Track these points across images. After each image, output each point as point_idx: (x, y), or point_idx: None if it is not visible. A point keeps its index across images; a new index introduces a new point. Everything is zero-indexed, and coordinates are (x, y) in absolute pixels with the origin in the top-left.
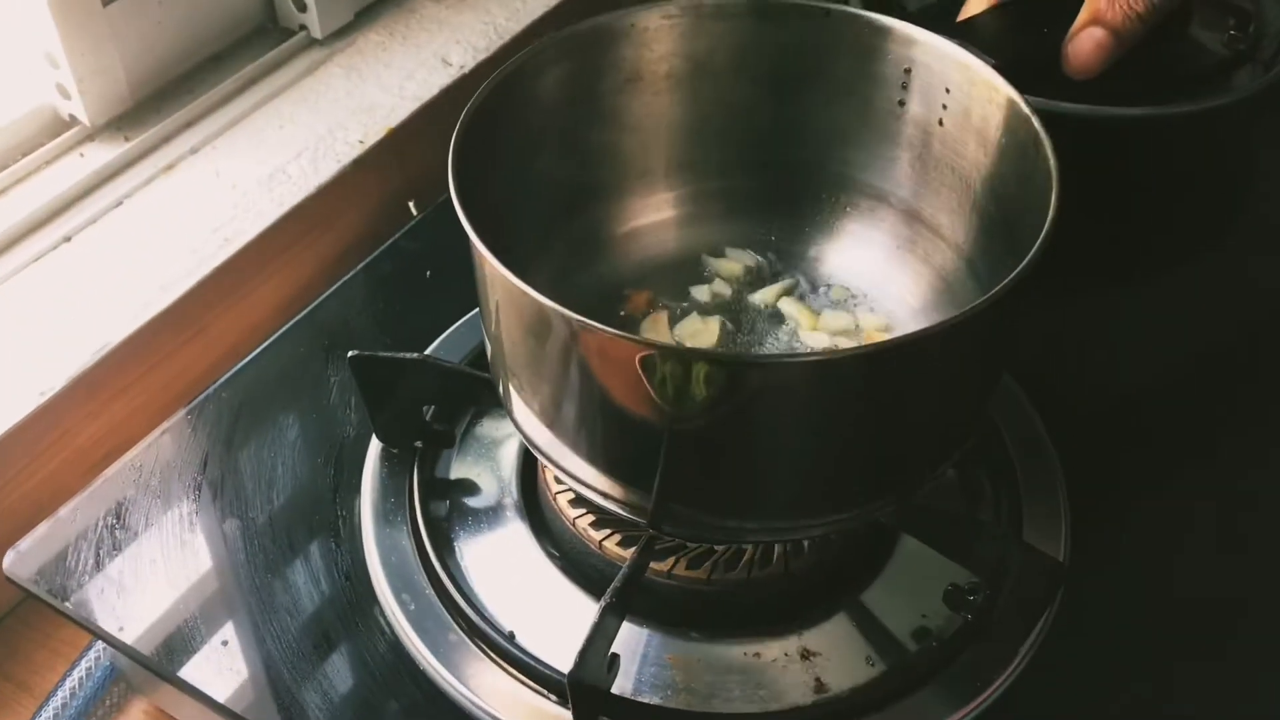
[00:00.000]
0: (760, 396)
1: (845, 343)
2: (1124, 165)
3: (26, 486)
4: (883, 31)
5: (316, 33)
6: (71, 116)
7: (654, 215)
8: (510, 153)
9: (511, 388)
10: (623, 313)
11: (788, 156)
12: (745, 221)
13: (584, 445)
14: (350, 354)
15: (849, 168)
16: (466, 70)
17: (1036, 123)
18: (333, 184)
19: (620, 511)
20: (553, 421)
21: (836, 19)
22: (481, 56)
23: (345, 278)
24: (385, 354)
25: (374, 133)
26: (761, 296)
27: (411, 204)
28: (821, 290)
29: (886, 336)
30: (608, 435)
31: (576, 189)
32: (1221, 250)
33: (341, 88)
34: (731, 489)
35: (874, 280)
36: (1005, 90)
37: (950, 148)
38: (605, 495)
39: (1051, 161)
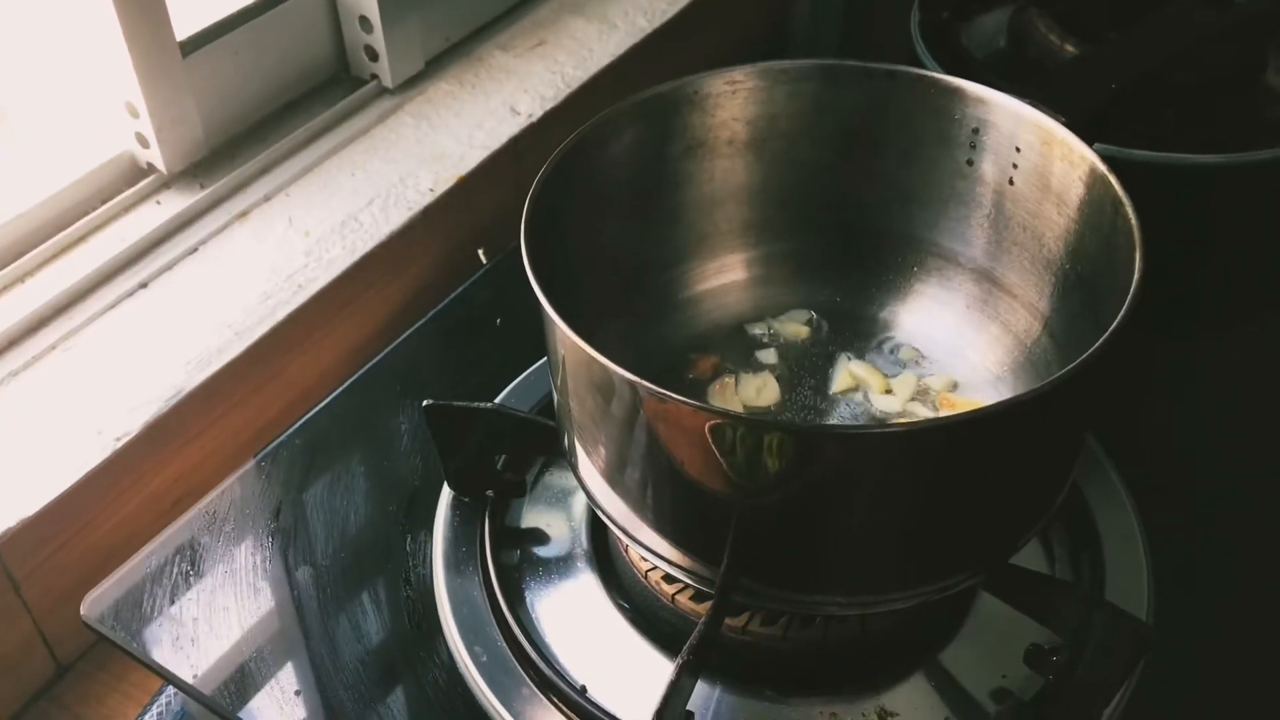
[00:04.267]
0: (840, 469)
1: (919, 408)
2: (1198, 214)
3: (100, 531)
4: (949, 92)
5: (388, 82)
6: (149, 164)
7: (720, 278)
8: (579, 219)
9: (579, 451)
10: (690, 376)
11: (854, 217)
12: (811, 283)
13: (650, 513)
14: (425, 403)
15: (916, 227)
16: (534, 119)
17: (1115, 183)
18: (404, 231)
19: (687, 581)
20: (619, 486)
21: (902, 80)
22: (549, 105)
23: (416, 325)
24: (459, 403)
25: (444, 181)
26: (838, 383)
27: (481, 251)
28: (889, 351)
29: (958, 398)
30: (676, 504)
31: (644, 252)
32: None
33: (412, 136)
34: (806, 563)
35: (943, 340)
36: (1079, 149)
37: (1022, 206)
38: (672, 564)
39: (1133, 222)
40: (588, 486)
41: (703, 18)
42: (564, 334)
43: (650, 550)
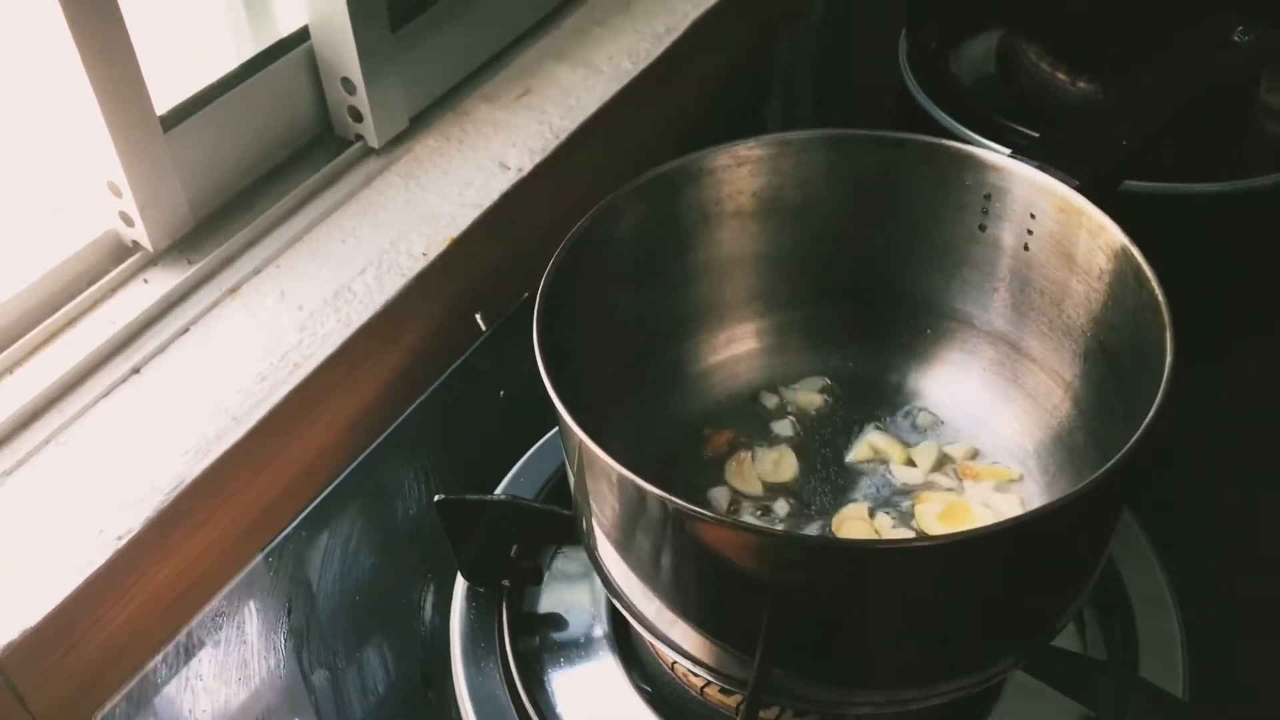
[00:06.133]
0: (881, 581)
1: (941, 479)
2: (1192, 243)
3: (106, 633)
4: (960, 158)
5: (373, 142)
6: (134, 243)
7: (731, 349)
8: (587, 303)
9: (599, 549)
10: (706, 453)
11: (866, 283)
12: (825, 350)
13: (678, 615)
14: (436, 498)
15: (930, 291)
16: (525, 172)
17: (1139, 256)
18: (399, 299)
19: (716, 681)
20: (644, 587)
21: (910, 148)
22: (539, 158)
23: (418, 401)
24: (470, 497)
25: (436, 244)
26: (856, 454)
27: (479, 316)
28: (906, 417)
29: (980, 466)
30: (705, 608)
31: (653, 328)
32: None
33: (401, 198)
34: (842, 665)
35: (962, 407)
36: (1098, 218)
37: (1039, 273)
38: (701, 664)
39: (1160, 298)
40: (611, 583)
41: (686, 56)
42: (587, 446)
43: (680, 651)
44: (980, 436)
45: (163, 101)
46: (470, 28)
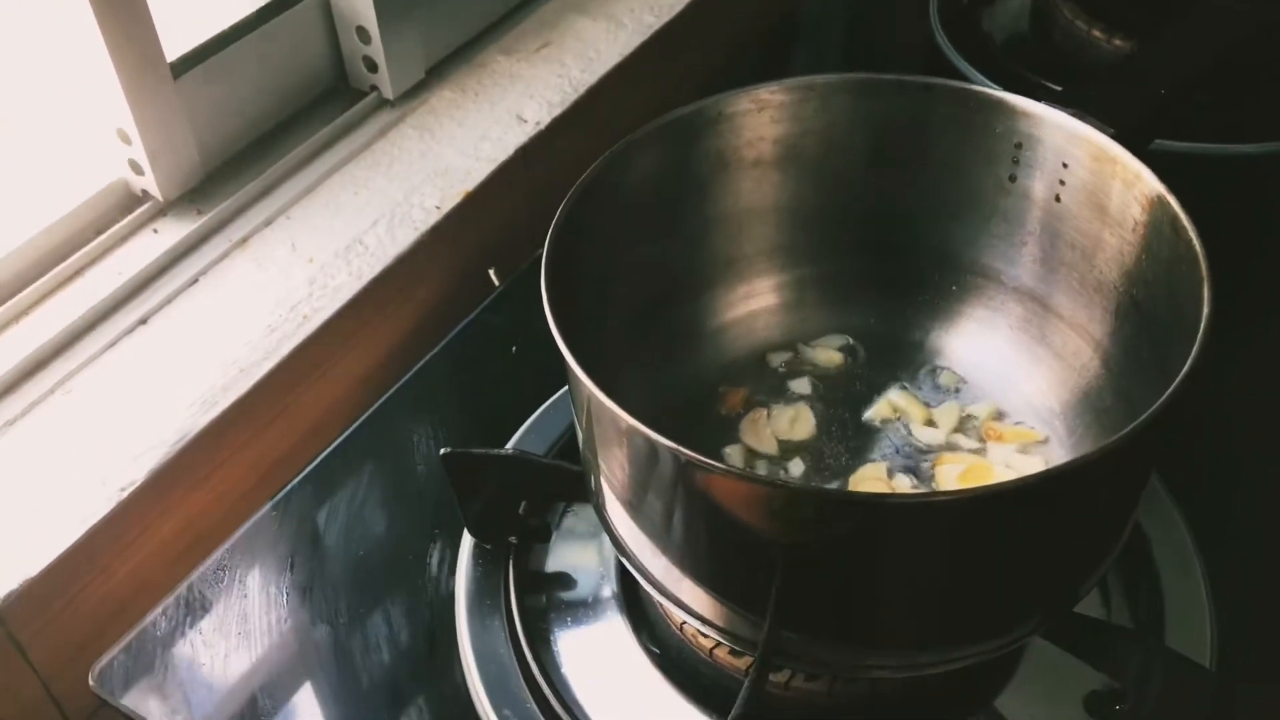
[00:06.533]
0: (896, 537)
1: (963, 439)
2: (1239, 204)
3: (108, 585)
4: (990, 105)
5: (388, 93)
6: (144, 192)
7: (749, 305)
8: (600, 253)
9: (608, 506)
10: (721, 411)
11: (889, 236)
12: (845, 306)
13: (689, 573)
14: (442, 451)
15: (955, 245)
16: (542, 126)
17: (1176, 205)
18: (411, 253)
19: (726, 642)
20: (655, 546)
21: (939, 94)
22: (556, 111)
23: (428, 356)
24: (477, 450)
25: (451, 197)
26: (875, 412)
27: (492, 272)
28: (929, 377)
29: (1004, 427)
30: (717, 566)
31: (668, 282)
32: None
33: (415, 150)
34: (856, 626)
35: (987, 365)
36: (1135, 166)
37: (1071, 225)
38: (711, 624)
39: (1198, 249)
40: (620, 542)
41: (711, 9)
42: (596, 397)
43: (689, 611)
44: (1005, 396)
45: (174, 48)
46: None
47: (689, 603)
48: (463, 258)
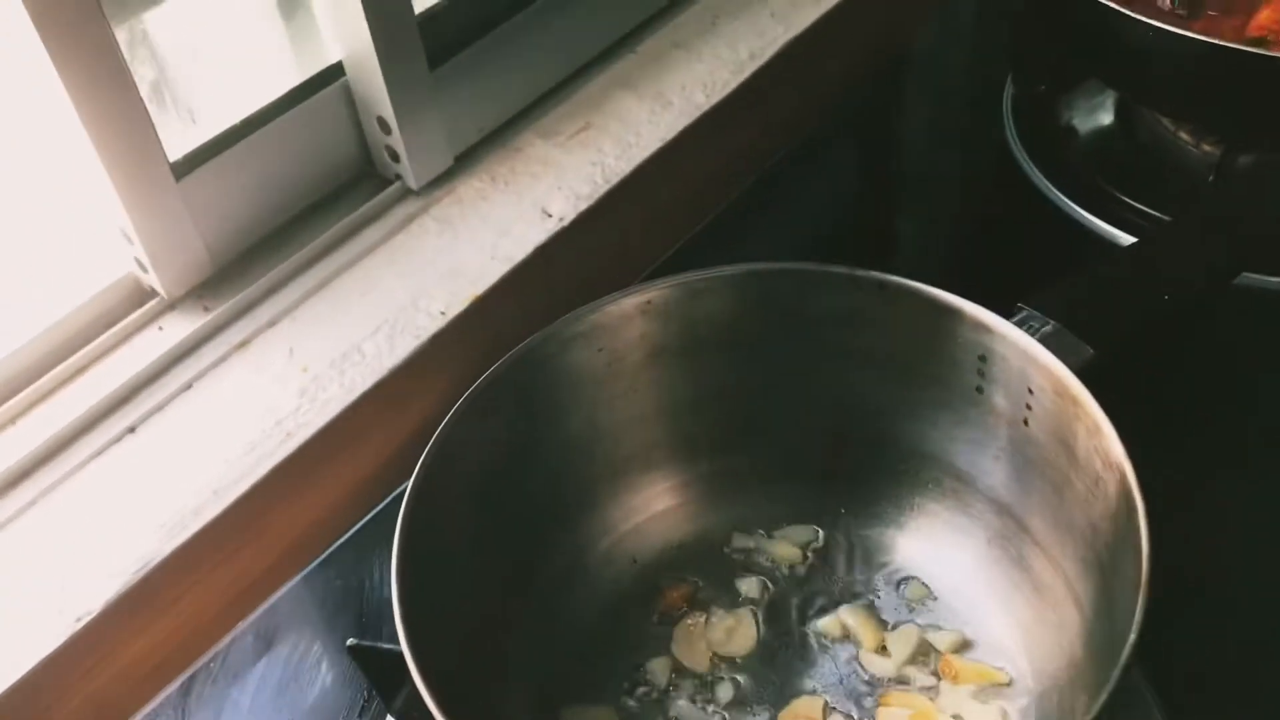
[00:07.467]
0: None
1: (916, 672)
2: None
3: (65, 711)
4: (947, 312)
5: (411, 183)
6: (151, 288)
7: (691, 491)
8: (462, 515)
9: None
10: (655, 617)
11: (860, 429)
12: (806, 497)
13: None
14: (349, 643)
15: (929, 444)
16: (565, 223)
17: (1132, 478)
18: (408, 364)
19: None
20: None
21: (893, 292)
22: (583, 205)
23: (402, 487)
24: (387, 646)
25: (458, 301)
26: (824, 626)
27: None
28: (896, 585)
29: (964, 662)
30: None
31: (600, 474)
32: None
33: (432, 246)
34: None
35: (956, 580)
36: (1096, 415)
37: (1040, 454)
38: None
39: (1143, 536)
40: None
41: (769, 88)
42: None
43: None
44: (973, 621)
45: (190, 140)
46: (529, 57)
47: None
48: (465, 365)
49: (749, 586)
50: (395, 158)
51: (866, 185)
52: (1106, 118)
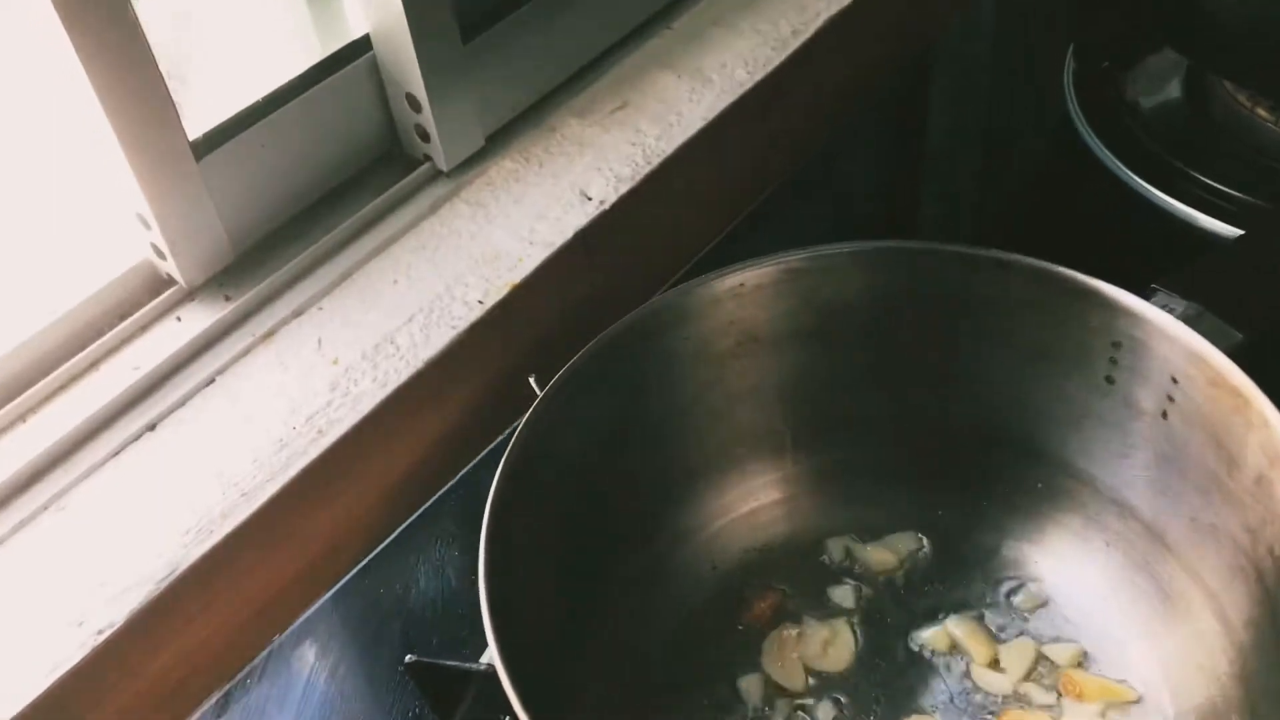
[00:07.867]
0: None
1: (1034, 690)
2: None
3: None
4: (1081, 293)
5: (442, 164)
6: (169, 276)
7: (777, 492)
8: (544, 509)
9: None
10: (741, 625)
11: (965, 422)
12: (907, 498)
13: None
14: (407, 659)
15: (1044, 441)
16: (606, 206)
17: None
18: (444, 355)
19: None
20: None
21: (1016, 272)
22: (624, 188)
23: (446, 487)
24: (449, 663)
25: (496, 289)
26: (929, 640)
27: (532, 379)
28: (1006, 594)
29: (1086, 678)
30: None
31: (679, 473)
32: None
33: (466, 230)
34: None
35: (1073, 586)
36: (1260, 406)
37: (1183, 451)
38: None
39: None
40: None
41: (812, 64)
42: None
43: None
44: (1094, 633)
45: (208, 119)
46: (563, 31)
47: None
48: (502, 360)
49: (842, 595)
50: (425, 137)
51: (914, 167)
52: (1173, 92)
